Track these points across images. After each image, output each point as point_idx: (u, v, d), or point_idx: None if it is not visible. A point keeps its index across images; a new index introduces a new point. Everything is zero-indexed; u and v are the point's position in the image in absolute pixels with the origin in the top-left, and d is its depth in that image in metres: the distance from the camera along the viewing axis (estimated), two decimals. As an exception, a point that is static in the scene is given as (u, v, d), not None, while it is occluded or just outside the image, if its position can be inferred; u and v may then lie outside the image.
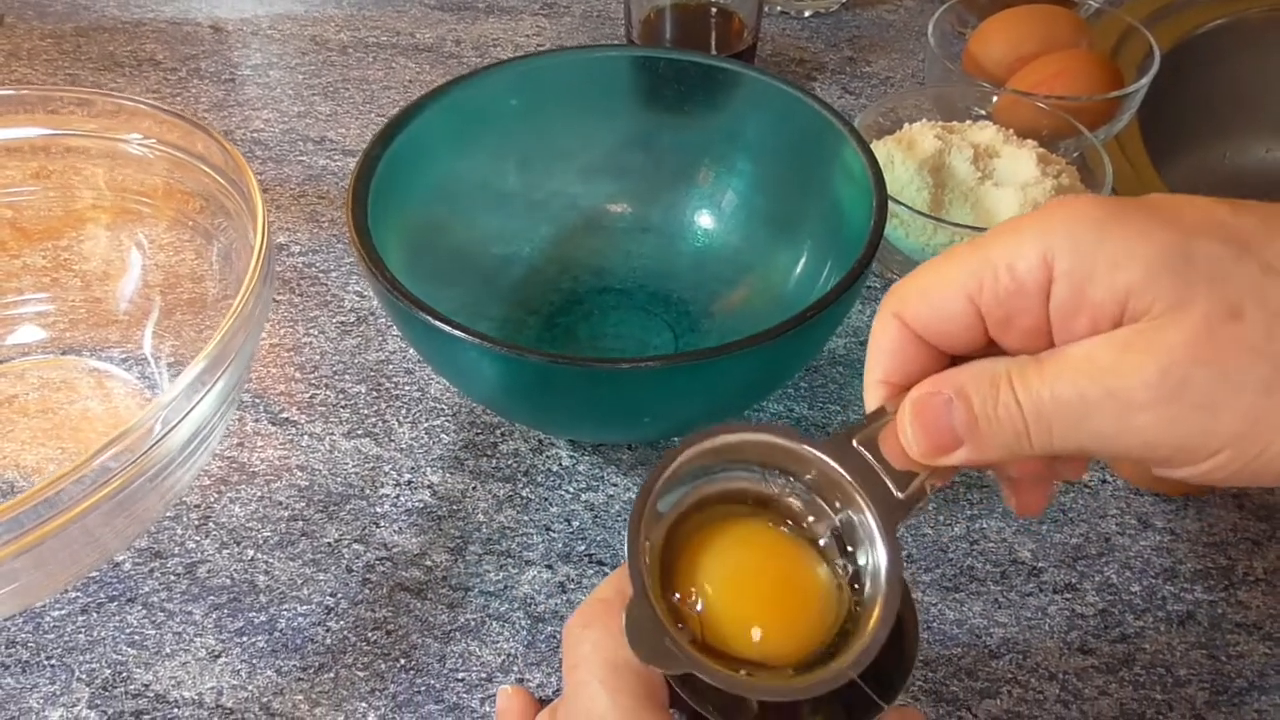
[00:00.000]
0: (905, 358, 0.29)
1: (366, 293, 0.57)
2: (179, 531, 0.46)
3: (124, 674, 0.41)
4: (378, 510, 0.46)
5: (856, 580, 0.29)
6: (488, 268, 0.53)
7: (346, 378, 0.52)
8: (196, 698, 0.40)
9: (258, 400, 0.51)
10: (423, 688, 0.41)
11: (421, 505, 0.47)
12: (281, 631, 0.42)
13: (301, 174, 0.64)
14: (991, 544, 0.45)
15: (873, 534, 0.28)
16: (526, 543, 0.45)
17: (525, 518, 0.46)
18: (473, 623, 0.43)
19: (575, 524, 0.46)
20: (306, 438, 0.49)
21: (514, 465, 0.48)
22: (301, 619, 0.43)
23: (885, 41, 0.76)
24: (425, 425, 0.50)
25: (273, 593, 0.44)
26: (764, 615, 0.28)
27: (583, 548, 0.45)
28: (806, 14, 0.78)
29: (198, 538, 0.45)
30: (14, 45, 0.74)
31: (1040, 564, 0.45)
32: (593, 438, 0.49)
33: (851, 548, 0.29)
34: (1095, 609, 0.43)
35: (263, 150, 0.66)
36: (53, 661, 0.41)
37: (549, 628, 0.43)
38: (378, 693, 0.41)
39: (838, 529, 0.29)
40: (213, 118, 0.68)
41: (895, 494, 0.28)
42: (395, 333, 0.54)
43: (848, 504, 0.29)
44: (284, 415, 0.50)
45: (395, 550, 0.45)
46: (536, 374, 0.39)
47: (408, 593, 0.44)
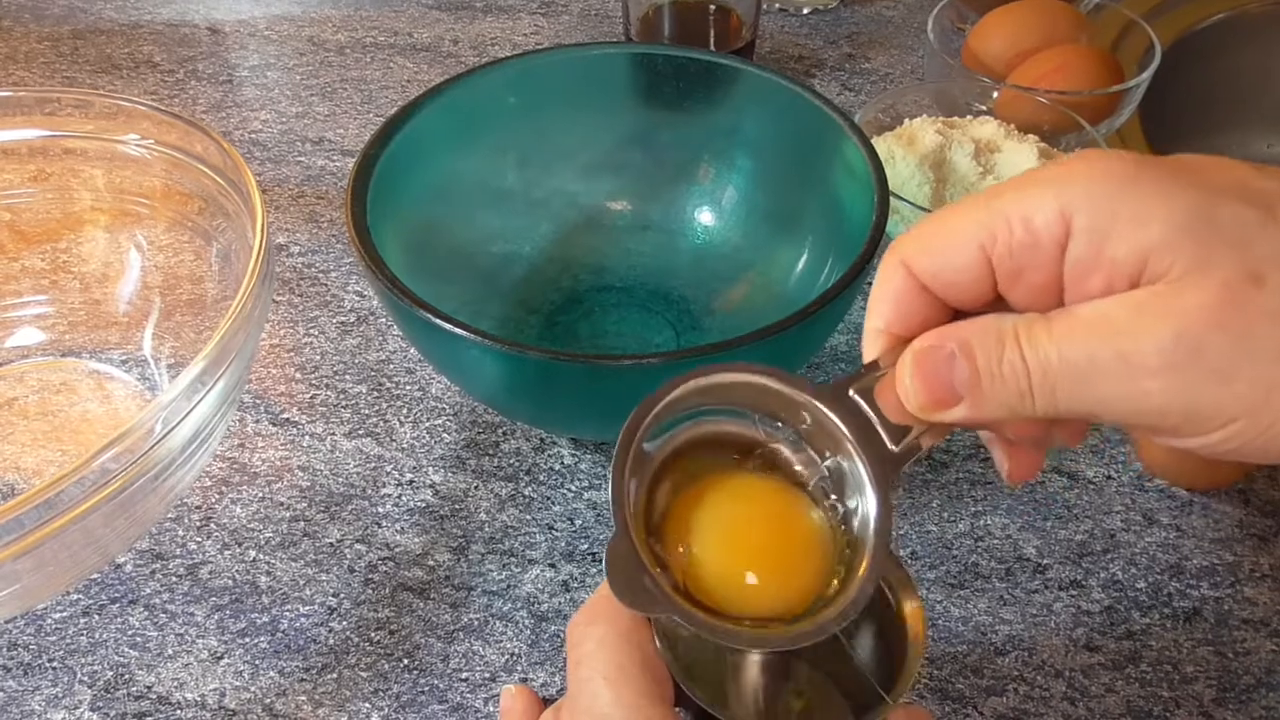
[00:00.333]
0: (908, 308, 0.28)
1: (366, 293, 0.56)
2: (180, 533, 0.45)
3: (126, 676, 0.41)
4: (380, 510, 0.46)
5: (847, 532, 0.28)
6: (487, 267, 0.53)
7: (347, 378, 0.52)
8: (199, 699, 0.40)
9: (258, 401, 0.51)
10: (426, 688, 0.41)
11: (424, 505, 0.46)
12: (284, 632, 0.42)
13: (300, 174, 0.64)
14: (996, 541, 0.45)
15: (864, 485, 0.28)
16: (529, 542, 0.45)
17: (528, 517, 0.46)
18: (476, 622, 0.42)
19: (578, 522, 0.46)
20: (308, 438, 0.49)
21: (516, 464, 0.48)
22: (304, 620, 0.43)
23: (884, 38, 0.76)
24: (427, 425, 0.50)
25: (275, 593, 0.43)
26: (752, 570, 0.27)
27: (585, 546, 0.45)
28: (805, 11, 0.78)
29: (199, 539, 0.45)
30: (11, 48, 0.74)
31: (1045, 561, 0.44)
32: (595, 436, 0.49)
33: (839, 498, 0.29)
34: (1101, 606, 0.43)
35: (261, 151, 0.66)
36: (54, 664, 0.41)
37: (552, 627, 0.42)
38: (381, 693, 0.40)
39: (827, 478, 0.29)
40: (211, 119, 0.68)
41: (889, 447, 0.28)
42: (396, 332, 0.54)
43: (839, 453, 0.28)
44: (285, 416, 0.50)
45: (398, 550, 0.45)
46: (539, 371, 0.39)
47: (410, 593, 0.43)
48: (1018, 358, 0.25)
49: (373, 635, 0.42)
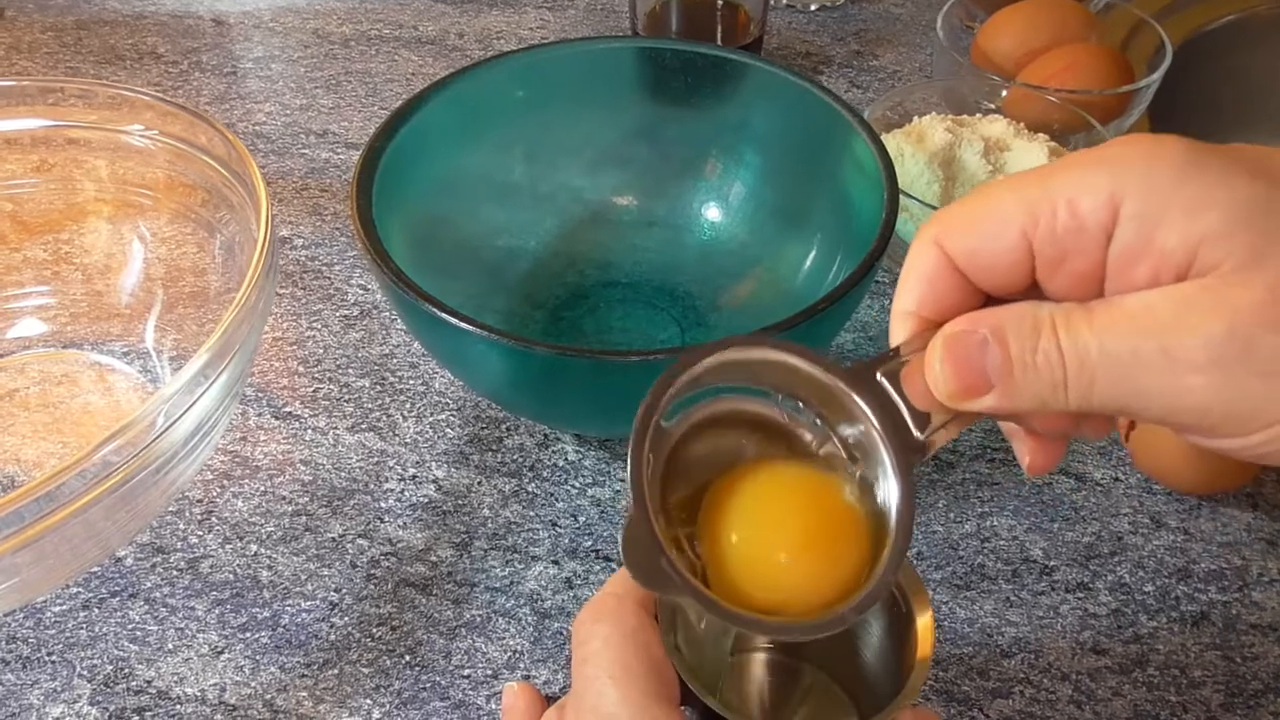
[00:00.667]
0: (940, 290, 0.26)
1: (370, 286, 0.56)
2: (181, 526, 0.45)
3: (125, 670, 0.41)
4: (382, 505, 0.46)
5: (869, 521, 0.27)
6: (492, 261, 0.53)
7: (350, 372, 0.52)
8: (199, 694, 0.40)
9: (261, 394, 0.50)
10: (428, 684, 0.40)
11: (426, 500, 0.46)
12: (285, 627, 0.42)
13: (304, 167, 0.64)
14: (1003, 542, 0.45)
15: (887, 473, 0.27)
16: (532, 538, 0.45)
17: (531, 513, 0.46)
18: (478, 619, 0.42)
19: (582, 519, 0.46)
20: (310, 432, 0.49)
21: (520, 460, 0.48)
22: (305, 615, 0.42)
23: (892, 35, 0.75)
24: (430, 419, 0.49)
25: (276, 588, 0.43)
26: (788, 559, 0.26)
27: (589, 543, 0.45)
28: (813, 7, 0.78)
29: (200, 533, 0.45)
30: (14, 38, 0.74)
31: (1052, 563, 0.44)
32: (600, 432, 0.48)
33: (863, 486, 0.28)
34: (1108, 609, 0.43)
35: (265, 143, 0.65)
36: (54, 658, 0.41)
37: (555, 624, 0.42)
38: (382, 689, 0.40)
39: (851, 466, 0.28)
40: (215, 111, 0.68)
41: (915, 434, 0.27)
42: (399, 326, 0.54)
43: (862, 439, 0.27)
44: (287, 409, 0.50)
45: (400, 545, 0.45)
46: (543, 366, 0.39)
47: (412, 588, 0.43)
48: (1053, 347, 0.24)
49: (374, 631, 0.42)
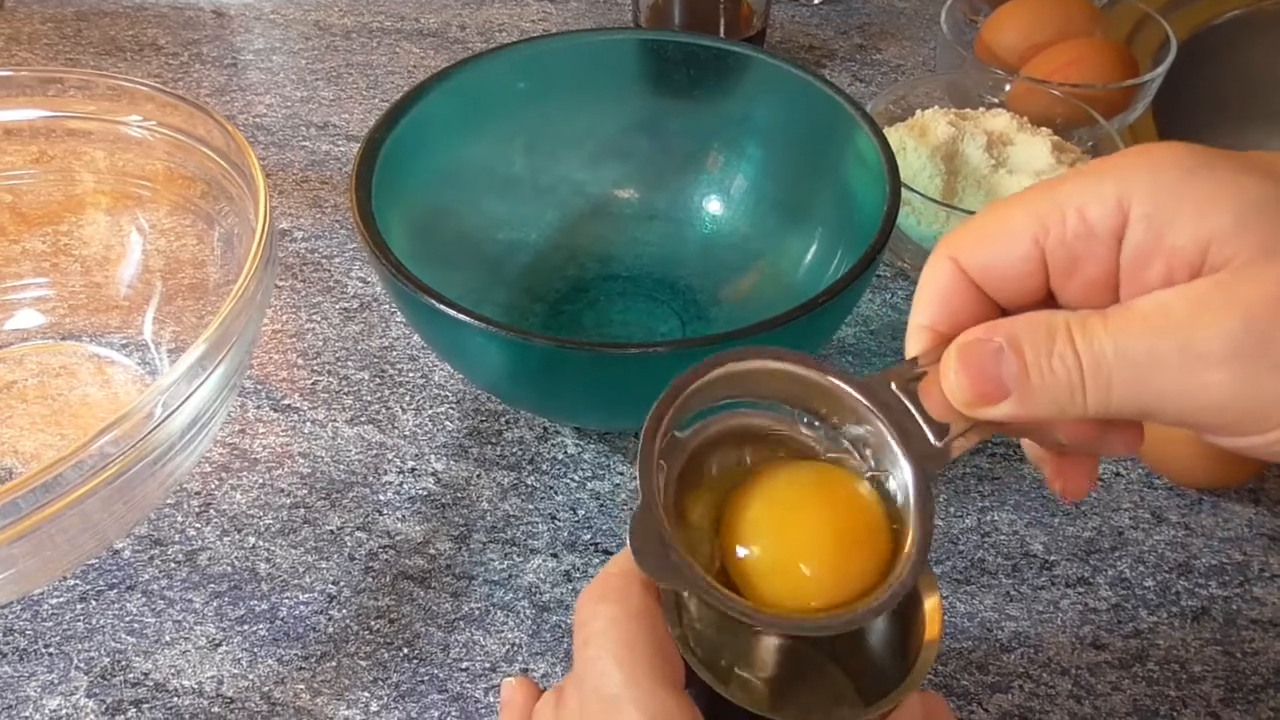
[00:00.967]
0: (955, 304, 0.27)
1: (369, 279, 0.56)
2: (179, 519, 0.45)
3: (123, 662, 0.40)
4: (381, 498, 0.46)
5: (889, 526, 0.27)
6: (493, 254, 0.52)
7: (349, 364, 0.51)
8: (196, 686, 0.40)
9: (260, 387, 0.50)
10: (426, 677, 0.40)
11: (425, 493, 0.46)
12: (283, 620, 0.42)
13: (304, 159, 0.63)
14: (1003, 536, 0.45)
15: (904, 477, 0.27)
16: (531, 531, 0.45)
17: (530, 506, 0.46)
18: (477, 612, 0.42)
19: (581, 512, 0.45)
20: (309, 424, 0.49)
21: (519, 453, 0.48)
22: (303, 607, 0.42)
23: (896, 29, 0.75)
24: (429, 412, 0.49)
25: (274, 581, 0.43)
26: (809, 566, 0.26)
27: (588, 536, 0.45)
28: (816, 1, 0.77)
29: (198, 525, 0.45)
30: (14, 30, 0.74)
31: (1052, 557, 0.44)
32: (599, 425, 0.48)
33: (881, 493, 0.28)
34: (1108, 603, 0.42)
35: (265, 135, 0.65)
36: (51, 650, 0.41)
37: (554, 617, 0.42)
38: (380, 682, 0.40)
39: (869, 475, 0.28)
40: (215, 103, 0.68)
41: (932, 442, 0.27)
42: (399, 319, 0.53)
43: (879, 448, 0.27)
44: (286, 402, 0.50)
45: (398, 538, 0.44)
46: (543, 359, 0.39)
47: (411, 581, 0.43)
48: (1069, 351, 0.24)
49: (372, 624, 0.42)
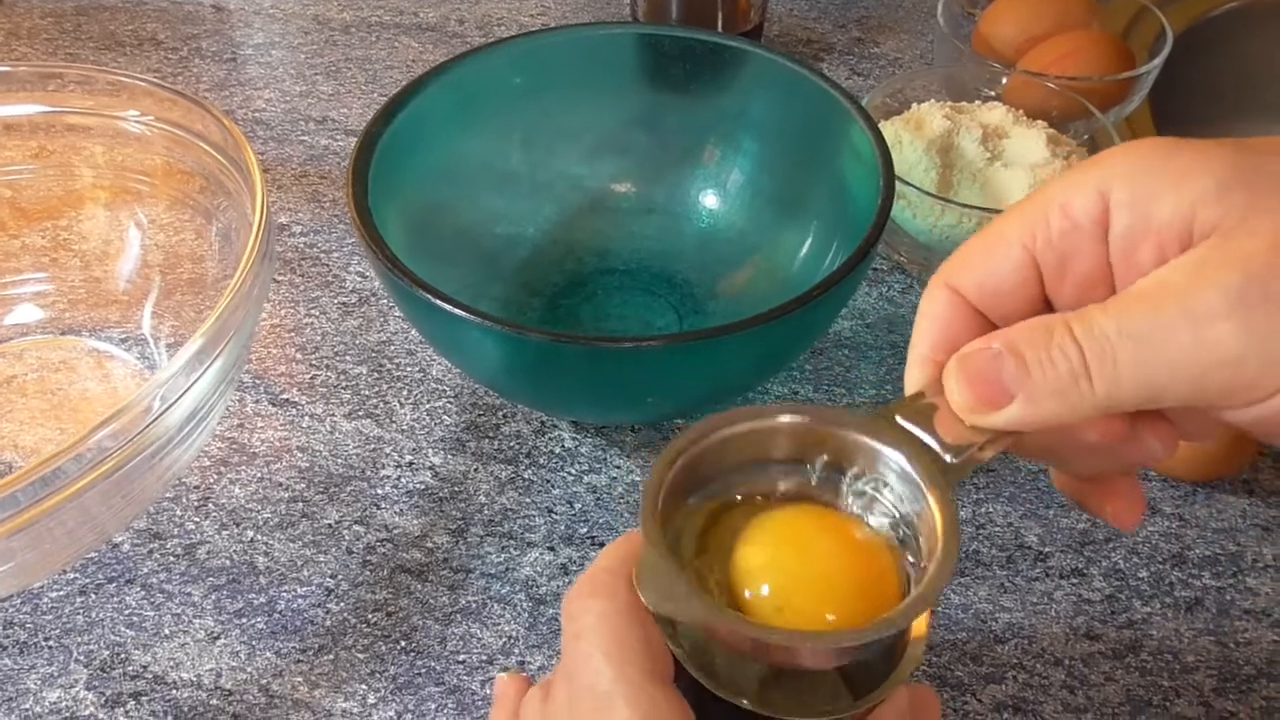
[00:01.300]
0: (954, 331, 0.27)
1: (368, 273, 0.56)
2: (178, 512, 0.45)
3: (122, 655, 0.41)
4: (379, 492, 0.46)
5: (906, 550, 0.27)
6: (490, 248, 0.53)
7: (348, 359, 0.52)
8: (195, 679, 0.40)
9: (258, 381, 0.51)
10: (423, 670, 0.40)
11: (423, 487, 0.46)
12: (281, 613, 0.42)
13: (303, 154, 0.64)
14: (998, 528, 0.45)
15: (923, 508, 0.26)
16: (528, 525, 0.45)
17: (527, 500, 0.46)
18: (474, 605, 0.42)
19: (578, 506, 0.46)
20: (307, 419, 0.49)
21: (516, 447, 0.48)
22: (301, 600, 0.42)
23: (894, 22, 0.75)
24: (427, 406, 0.49)
25: (272, 574, 0.43)
26: (830, 613, 0.26)
27: (585, 530, 0.45)
28: (814, -6, 0.77)
29: (197, 519, 0.45)
30: (14, 24, 0.74)
31: (1047, 549, 0.44)
32: (596, 419, 0.48)
33: (898, 525, 0.27)
34: (1102, 594, 0.43)
35: (264, 130, 0.65)
36: (50, 643, 0.41)
37: (551, 610, 0.42)
38: (378, 675, 0.40)
39: (884, 510, 0.28)
40: (214, 98, 0.68)
41: (947, 460, 0.26)
42: (397, 313, 0.54)
43: (891, 480, 0.27)
44: (284, 396, 0.50)
45: (396, 532, 0.45)
46: (539, 353, 0.39)
47: (408, 574, 0.43)
48: (1069, 342, 0.24)
49: (370, 617, 0.42)
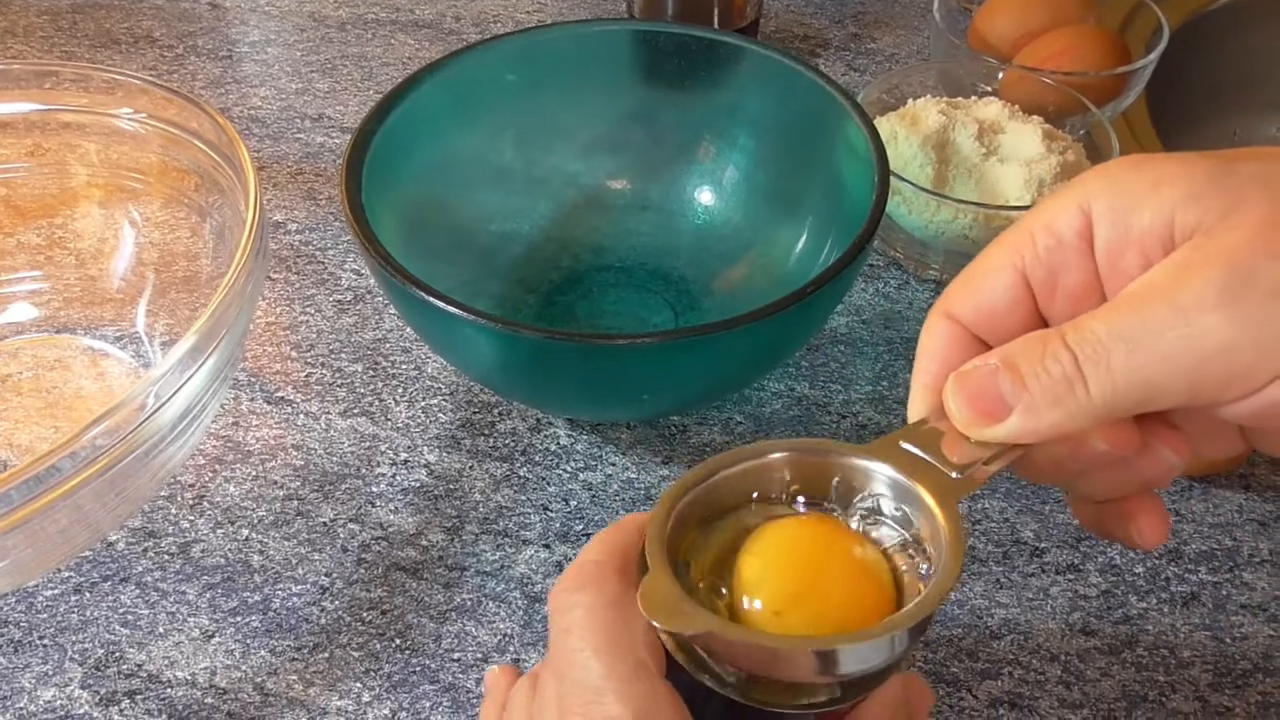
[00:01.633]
0: (954, 359, 0.28)
1: (363, 271, 0.56)
2: (173, 511, 0.45)
3: (117, 654, 0.41)
4: (374, 490, 0.46)
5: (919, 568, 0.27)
6: (486, 245, 0.53)
7: (343, 356, 0.52)
8: (190, 678, 0.40)
9: (253, 379, 0.50)
10: (418, 668, 0.40)
11: (418, 485, 0.46)
12: (276, 611, 0.42)
13: (299, 151, 0.63)
14: (994, 524, 0.45)
15: (938, 527, 0.26)
16: (524, 522, 0.45)
17: (522, 497, 0.46)
18: (469, 603, 0.42)
19: (573, 503, 0.46)
20: (302, 417, 0.49)
21: (511, 444, 0.48)
22: (296, 599, 0.42)
23: (890, 18, 0.75)
24: (422, 404, 0.49)
25: (267, 572, 0.43)
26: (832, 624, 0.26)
27: (580, 527, 0.45)
28: (810, -10, 0.77)
29: (192, 517, 0.45)
30: (10, 22, 0.74)
31: (1043, 544, 0.44)
32: (591, 416, 0.48)
33: (907, 544, 0.28)
34: (1098, 590, 0.43)
35: (260, 128, 0.65)
36: (45, 641, 0.41)
37: (545, 608, 0.42)
38: (372, 673, 0.40)
39: (899, 536, 0.28)
40: (210, 95, 0.68)
41: (953, 477, 0.27)
42: (392, 311, 0.54)
43: (897, 503, 0.28)
44: (279, 394, 0.50)
45: (391, 530, 0.45)
46: (533, 351, 0.39)
47: (403, 572, 0.43)
48: (1062, 349, 0.25)
49: (365, 615, 0.42)
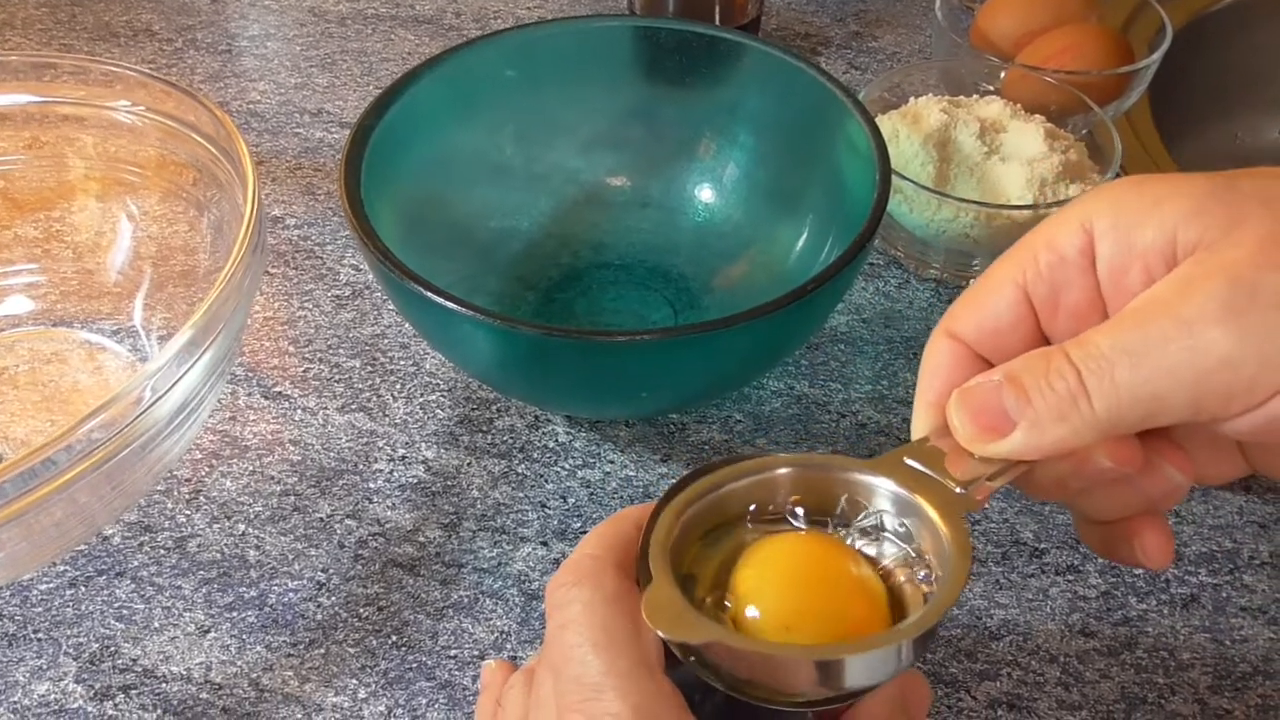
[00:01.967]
0: (958, 377, 0.28)
1: (362, 266, 0.56)
2: (169, 505, 0.45)
3: (112, 648, 0.41)
4: (371, 485, 0.46)
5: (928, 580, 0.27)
6: (485, 242, 0.52)
7: (341, 352, 0.51)
8: (185, 673, 0.40)
9: (250, 374, 0.50)
10: (414, 664, 0.40)
11: (415, 481, 0.46)
12: (272, 607, 0.42)
13: (298, 146, 0.63)
14: (993, 524, 0.45)
15: (942, 541, 0.26)
16: (521, 519, 0.45)
17: (520, 494, 0.46)
18: (466, 599, 0.42)
19: (571, 501, 0.45)
20: (300, 412, 0.49)
21: (509, 441, 0.48)
22: (292, 594, 0.42)
23: (892, 16, 0.75)
24: (420, 400, 0.49)
25: (263, 568, 0.43)
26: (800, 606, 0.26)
27: (578, 525, 0.45)
28: (812, -12, 0.77)
29: (188, 512, 0.45)
30: (8, 14, 0.73)
31: (1043, 545, 0.44)
32: (590, 413, 0.48)
33: (909, 556, 0.28)
34: (1098, 591, 0.42)
35: (259, 122, 0.65)
36: (40, 635, 0.41)
37: (543, 605, 0.42)
38: (368, 669, 0.40)
39: (902, 549, 0.28)
40: (209, 89, 0.67)
41: (957, 491, 0.27)
42: (390, 307, 0.53)
43: (903, 516, 0.28)
44: (277, 389, 0.50)
45: (388, 526, 0.44)
46: (532, 347, 0.39)
47: (400, 569, 0.43)
48: (1065, 365, 0.25)
49: (361, 611, 0.42)
